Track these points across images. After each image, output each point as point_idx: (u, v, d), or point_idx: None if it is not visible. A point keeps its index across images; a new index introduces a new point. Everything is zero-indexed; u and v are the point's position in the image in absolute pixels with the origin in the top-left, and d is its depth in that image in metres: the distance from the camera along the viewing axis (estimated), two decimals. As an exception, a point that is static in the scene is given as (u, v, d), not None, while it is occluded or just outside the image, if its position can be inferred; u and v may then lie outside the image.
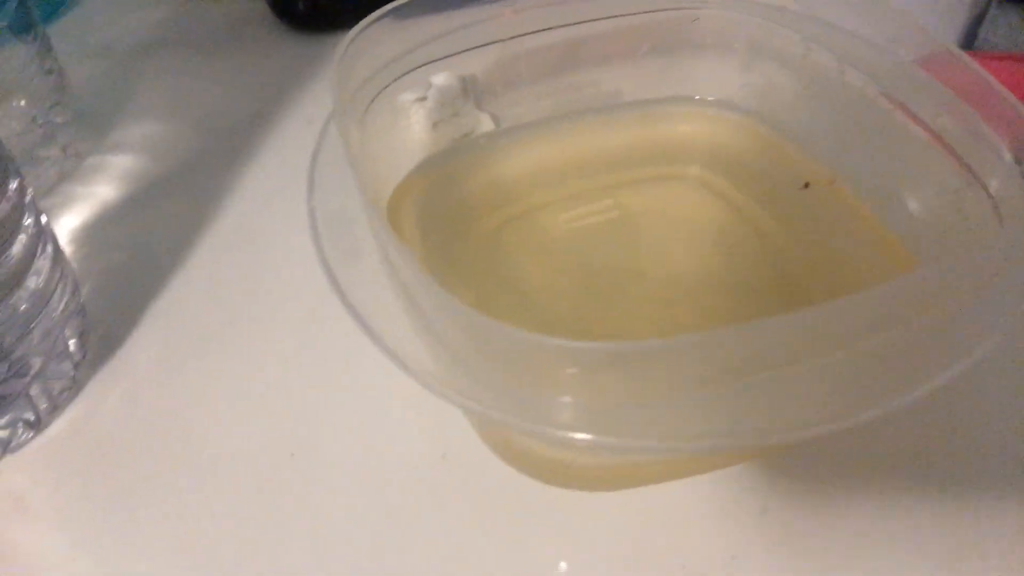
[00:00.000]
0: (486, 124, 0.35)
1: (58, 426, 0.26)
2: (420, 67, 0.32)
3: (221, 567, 0.22)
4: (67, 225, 0.32)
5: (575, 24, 0.32)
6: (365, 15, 0.29)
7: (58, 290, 0.26)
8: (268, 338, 0.28)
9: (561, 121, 0.32)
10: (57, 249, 0.27)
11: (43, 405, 0.26)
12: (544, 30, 0.32)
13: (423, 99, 0.34)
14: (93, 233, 0.32)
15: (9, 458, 0.25)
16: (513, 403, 0.19)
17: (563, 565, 0.22)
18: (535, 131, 0.32)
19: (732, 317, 0.26)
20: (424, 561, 0.22)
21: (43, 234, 0.26)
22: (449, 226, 0.29)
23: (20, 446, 0.25)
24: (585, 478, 0.23)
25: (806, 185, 0.29)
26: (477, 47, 0.32)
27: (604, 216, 0.30)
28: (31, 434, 0.26)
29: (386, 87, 0.30)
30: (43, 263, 0.25)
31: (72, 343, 0.26)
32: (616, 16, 0.31)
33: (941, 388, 0.19)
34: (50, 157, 0.35)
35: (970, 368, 0.19)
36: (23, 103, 0.35)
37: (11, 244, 0.24)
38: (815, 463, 0.24)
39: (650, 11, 0.31)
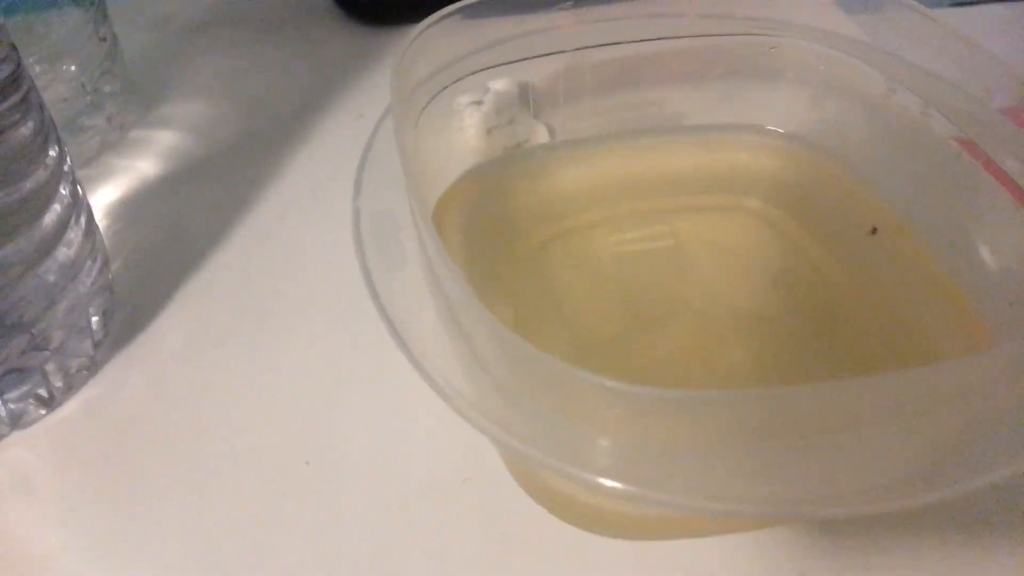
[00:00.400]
0: (541, 135, 0.34)
1: (71, 406, 0.25)
2: (481, 71, 0.31)
3: (219, 568, 0.21)
4: (104, 198, 0.32)
5: (644, 41, 0.30)
6: (427, 11, 0.28)
7: (87, 264, 0.25)
8: (297, 336, 0.27)
9: (620, 139, 0.31)
10: (91, 222, 0.26)
11: (58, 383, 0.25)
12: (611, 44, 0.31)
13: (479, 103, 0.33)
14: (129, 208, 0.31)
15: (18, 434, 0.24)
16: (546, 439, 0.18)
17: (581, 612, 0.21)
18: (592, 147, 0.31)
19: (783, 360, 0.25)
20: (435, 591, 0.21)
21: (78, 205, 0.25)
22: (494, 237, 0.28)
23: (31, 422, 0.24)
24: (615, 525, 0.22)
25: (873, 231, 0.27)
26: (541, 55, 0.31)
27: (656, 242, 0.28)
28: (43, 411, 0.25)
29: (444, 88, 0.29)
30: (75, 235, 0.24)
31: (95, 320, 0.26)
32: (688, 36, 0.30)
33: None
34: (94, 126, 0.34)
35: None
36: (73, 68, 0.35)
37: (45, 213, 0.23)
38: (864, 527, 0.22)
39: (725, 34, 0.29)
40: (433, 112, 0.29)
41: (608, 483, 0.17)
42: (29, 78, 0.23)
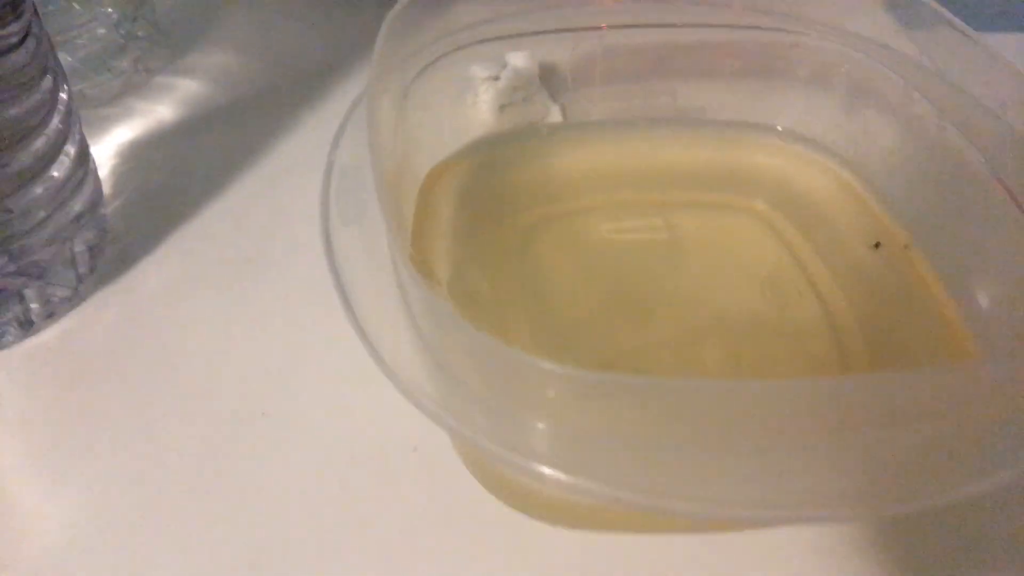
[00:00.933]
0: (555, 116, 0.33)
1: (49, 333, 0.25)
2: (498, 39, 0.30)
3: (170, 506, 0.21)
4: (118, 138, 0.32)
5: (668, 27, 0.30)
6: None
7: (75, 195, 0.25)
8: (272, 291, 0.27)
9: (630, 126, 0.30)
10: (84, 154, 0.26)
11: (39, 309, 0.25)
12: (634, 26, 0.30)
13: (496, 78, 0.33)
14: (139, 150, 0.32)
15: (-6, 354, 0.25)
16: (483, 418, 0.18)
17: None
18: (599, 132, 0.30)
19: (760, 367, 0.24)
20: (374, 550, 0.21)
21: (71, 136, 0.25)
22: (486, 210, 0.28)
23: (6, 345, 0.25)
24: (553, 511, 0.21)
25: (877, 245, 0.26)
26: (563, 30, 0.30)
27: (650, 234, 0.27)
28: (22, 335, 0.25)
29: (453, 52, 0.29)
30: (65, 162, 0.25)
31: (80, 253, 0.26)
32: (712, 26, 0.29)
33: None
34: (121, 68, 0.35)
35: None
36: (110, 10, 0.35)
37: (35, 137, 0.23)
38: (819, 534, 0.21)
39: (748, 27, 0.29)
40: (444, 77, 0.29)
41: (539, 468, 0.17)
42: (33, 8, 0.23)
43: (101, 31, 0.35)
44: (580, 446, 0.18)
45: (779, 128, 0.30)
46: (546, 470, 0.17)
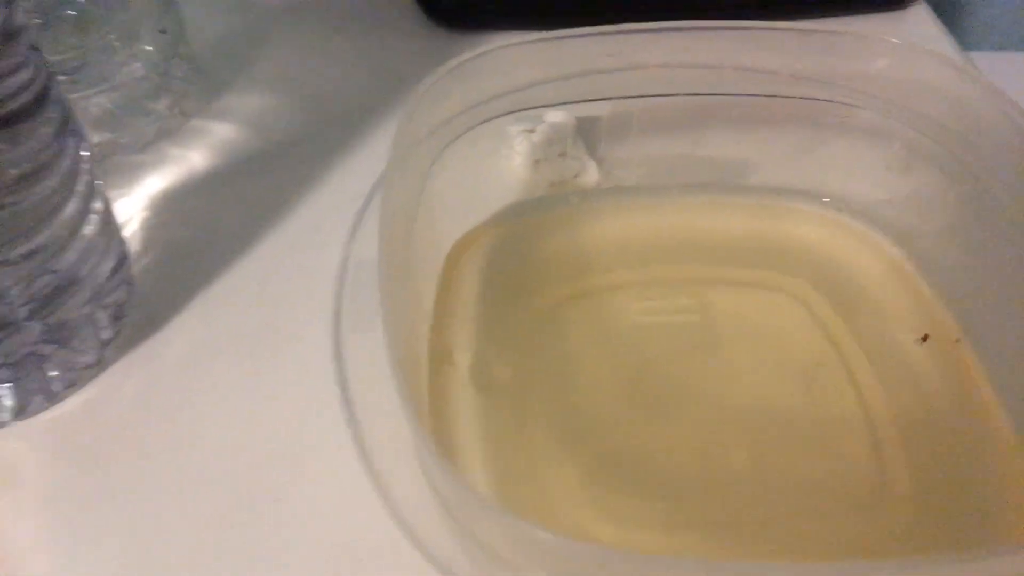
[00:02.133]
0: (591, 172, 0.32)
1: (73, 402, 0.25)
2: (537, 107, 0.30)
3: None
4: (149, 188, 0.32)
5: (715, 95, 0.28)
6: (511, 18, 0.26)
7: (99, 265, 0.25)
8: (292, 362, 0.26)
9: (664, 192, 0.29)
10: (108, 222, 0.26)
11: (64, 378, 0.25)
12: (677, 95, 0.28)
13: (531, 131, 0.32)
14: (169, 203, 0.32)
15: (19, 424, 0.25)
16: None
17: None
18: (633, 197, 0.29)
19: (787, 470, 0.23)
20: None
21: (92, 204, 0.25)
22: (512, 286, 0.27)
23: (32, 414, 0.25)
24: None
25: (925, 338, 0.25)
26: (600, 99, 0.29)
27: (682, 316, 0.26)
28: (47, 405, 0.25)
29: (491, 119, 0.28)
30: (89, 231, 0.25)
31: (104, 320, 0.26)
32: (759, 95, 0.28)
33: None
34: (156, 111, 0.35)
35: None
36: (149, 48, 0.35)
37: (61, 209, 0.23)
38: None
39: (799, 97, 0.27)
40: (480, 139, 0.28)
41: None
42: (47, 76, 0.23)
43: (139, 71, 0.35)
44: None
45: (825, 199, 0.28)
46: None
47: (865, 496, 0.22)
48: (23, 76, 0.22)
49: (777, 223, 0.28)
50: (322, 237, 0.31)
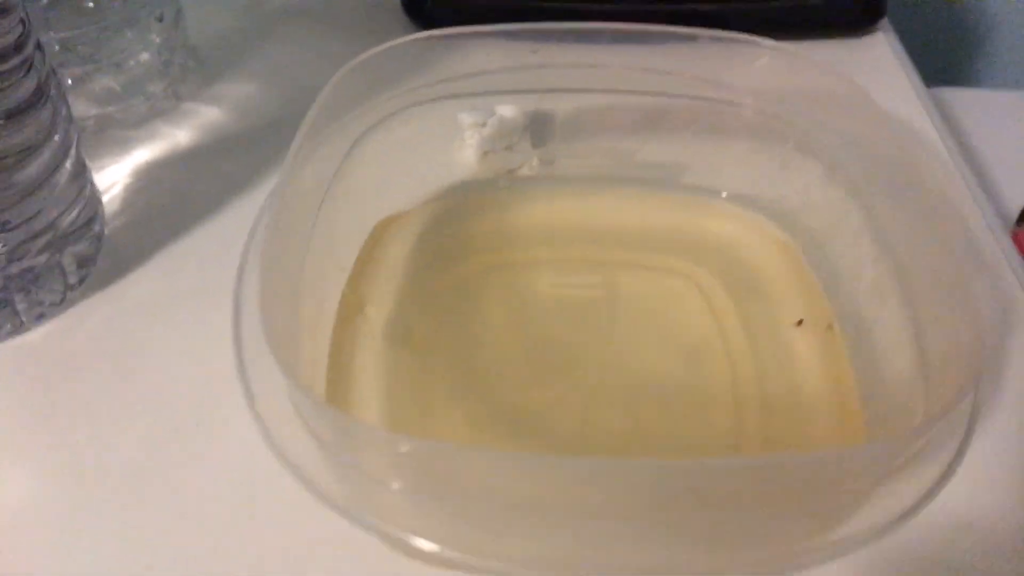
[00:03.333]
0: (533, 165, 0.35)
1: (36, 333, 0.29)
2: (489, 94, 0.32)
3: (105, 497, 0.24)
4: (135, 159, 0.36)
5: (643, 94, 0.31)
6: (490, 23, 0.29)
7: (72, 209, 0.29)
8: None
9: (591, 183, 0.32)
10: (81, 174, 0.29)
11: (30, 312, 0.29)
12: (619, 92, 0.31)
13: (483, 125, 0.34)
14: (151, 173, 0.35)
15: (-17, 349, 0.28)
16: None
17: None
18: (560, 187, 0.32)
19: (655, 434, 0.25)
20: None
21: (67, 157, 0.28)
22: (435, 257, 0.29)
23: (0, 340, 0.28)
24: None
25: (799, 322, 0.27)
26: (544, 91, 0.32)
27: (588, 291, 0.29)
28: (13, 333, 0.29)
29: (439, 100, 0.31)
30: (59, 181, 0.28)
31: (70, 264, 0.29)
32: (682, 97, 0.30)
33: None
34: (152, 92, 0.38)
35: None
36: (155, 36, 0.39)
37: (35, 158, 0.27)
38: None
39: (703, 98, 0.29)
40: (432, 120, 0.31)
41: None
42: (35, 43, 0.27)
43: (145, 57, 0.39)
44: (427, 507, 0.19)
45: (725, 193, 0.30)
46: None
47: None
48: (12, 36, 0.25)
49: (686, 216, 0.30)
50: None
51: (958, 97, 0.48)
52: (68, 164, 0.29)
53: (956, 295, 0.22)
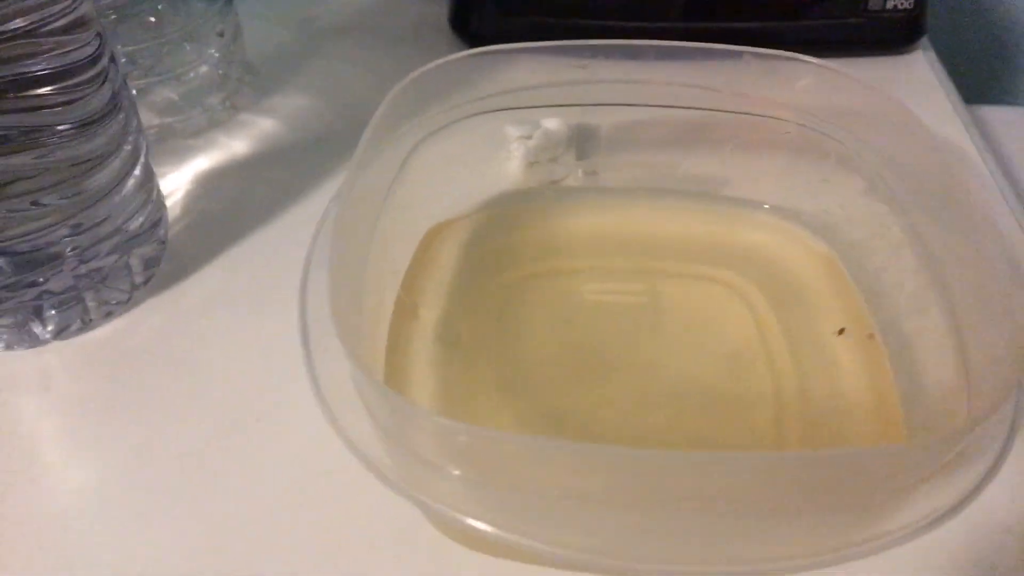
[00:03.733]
0: (576, 177, 0.36)
1: (104, 330, 0.30)
2: (535, 107, 0.33)
3: (165, 486, 0.26)
4: (195, 167, 0.37)
5: (687, 109, 0.32)
6: (536, 39, 0.30)
7: (139, 213, 0.30)
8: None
9: (633, 194, 0.32)
10: (148, 179, 0.31)
11: (98, 310, 0.30)
12: (659, 106, 0.32)
13: (528, 138, 0.36)
14: (210, 180, 0.37)
15: (57, 343, 0.30)
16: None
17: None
18: (604, 197, 0.33)
19: (697, 435, 0.26)
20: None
21: (136, 163, 0.30)
22: (483, 264, 0.30)
23: (70, 335, 0.30)
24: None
25: (841, 331, 0.27)
26: (588, 105, 0.33)
27: (631, 298, 0.30)
28: (82, 330, 0.30)
29: (485, 113, 0.32)
30: (130, 186, 0.29)
31: (137, 265, 0.31)
32: (711, 110, 0.31)
33: None
34: (211, 104, 0.40)
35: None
36: (213, 51, 0.41)
37: (107, 162, 0.28)
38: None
39: (746, 113, 0.30)
40: (478, 133, 0.32)
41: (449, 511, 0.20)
42: (110, 56, 0.28)
43: (204, 69, 0.41)
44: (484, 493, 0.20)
45: (765, 206, 0.31)
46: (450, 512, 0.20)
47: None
48: (103, 94, 0.27)
49: (730, 227, 0.31)
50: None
51: (997, 115, 0.48)
52: (137, 171, 0.30)
53: (996, 306, 0.22)
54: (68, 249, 0.28)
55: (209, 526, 0.25)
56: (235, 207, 0.35)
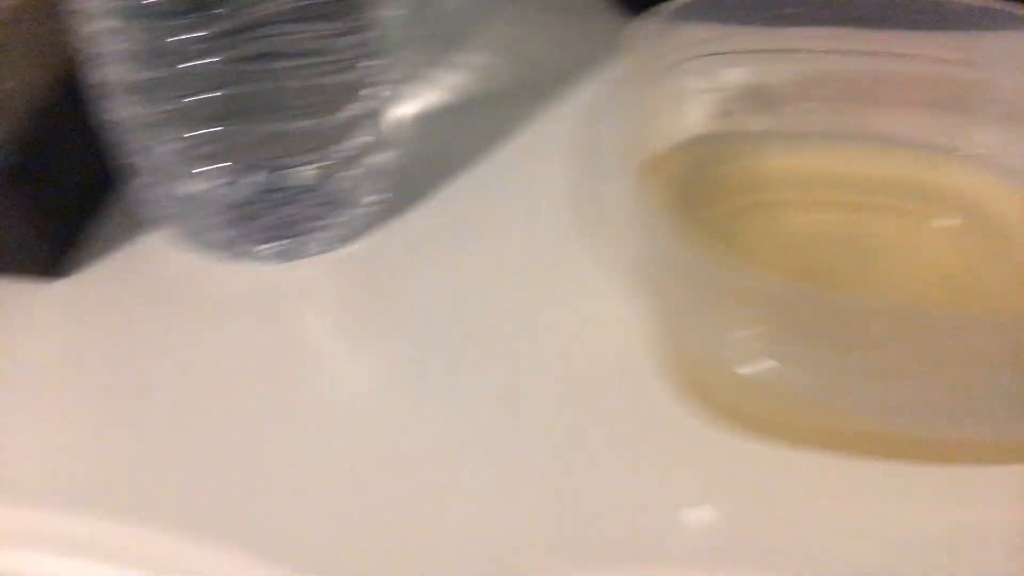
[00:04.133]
0: (770, 124, 0.38)
1: (351, 248, 0.34)
2: (722, 54, 0.36)
3: (427, 375, 0.29)
4: (397, 114, 0.41)
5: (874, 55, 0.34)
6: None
7: (370, 152, 0.33)
8: (518, 242, 0.34)
9: (829, 139, 0.35)
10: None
11: (345, 232, 0.33)
12: (839, 52, 0.34)
13: (712, 90, 0.38)
14: (412, 127, 0.40)
15: (316, 258, 0.33)
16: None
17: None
18: (802, 141, 0.35)
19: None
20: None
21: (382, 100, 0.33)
22: (697, 196, 0.33)
23: (324, 252, 0.33)
24: (752, 425, 0.26)
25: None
26: (778, 51, 0.35)
27: (839, 228, 0.32)
28: (334, 248, 0.33)
29: (678, 64, 0.35)
30: (367, 127, 0.33)
31: (370, 196, 0.34)
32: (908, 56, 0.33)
33: None
34: (404, 57, 0.44)
35: None
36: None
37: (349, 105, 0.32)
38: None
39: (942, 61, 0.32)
40: (667, 84, 0.35)
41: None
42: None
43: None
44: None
45: (964, 152, 0.33)
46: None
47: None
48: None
49: (928, 169, 0.33)
50: (542, 150, 0.38)
51: None
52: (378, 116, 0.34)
53: None
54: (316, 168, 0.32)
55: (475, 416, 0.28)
56: (447, 148, 0.39)
